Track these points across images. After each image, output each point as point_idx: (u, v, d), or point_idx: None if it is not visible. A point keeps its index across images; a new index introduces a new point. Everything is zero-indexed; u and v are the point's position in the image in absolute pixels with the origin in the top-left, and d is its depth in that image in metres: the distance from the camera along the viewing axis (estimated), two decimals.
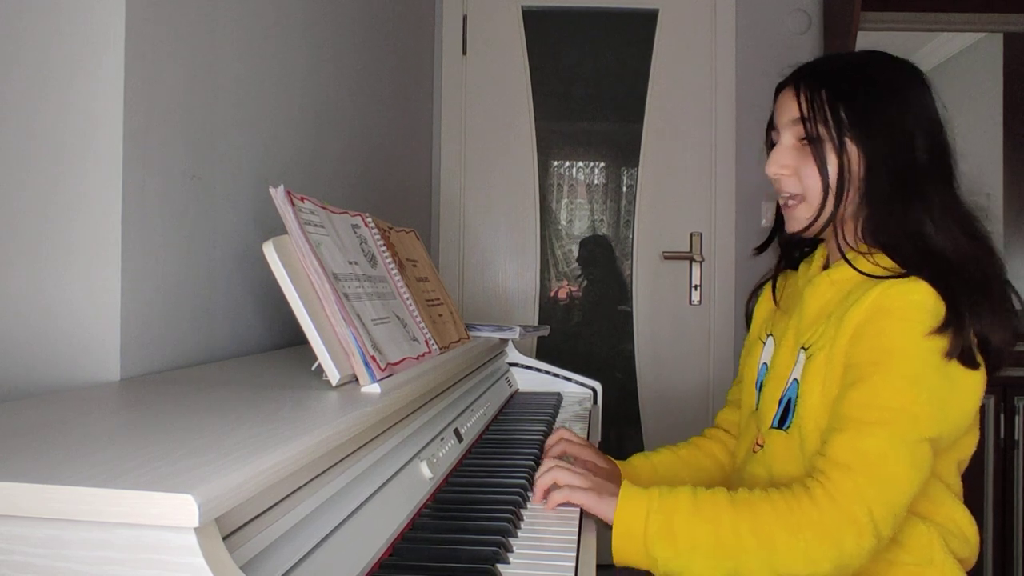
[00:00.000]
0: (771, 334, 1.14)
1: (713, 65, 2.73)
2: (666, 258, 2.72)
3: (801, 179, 1.02)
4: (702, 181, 2.73)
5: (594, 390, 1.77)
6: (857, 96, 1.00)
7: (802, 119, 1.01)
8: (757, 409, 1.10)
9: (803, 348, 1.02)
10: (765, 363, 1.13)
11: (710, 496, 0.90)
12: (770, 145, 1.09)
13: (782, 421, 1.03)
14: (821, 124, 0.99)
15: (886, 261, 0.97)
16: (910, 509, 0.92)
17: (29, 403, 0.71)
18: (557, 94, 2.82)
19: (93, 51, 0.90)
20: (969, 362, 0.92)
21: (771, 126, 1.08)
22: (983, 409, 2.29)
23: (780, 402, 1.04)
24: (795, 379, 1.02)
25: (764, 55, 2.70)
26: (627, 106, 2.79)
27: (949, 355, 0.90)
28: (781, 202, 1.07)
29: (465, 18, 2.75)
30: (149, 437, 0.58)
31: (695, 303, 2.72)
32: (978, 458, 2.40)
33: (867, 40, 2.67)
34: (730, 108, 2.70)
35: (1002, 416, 2.28)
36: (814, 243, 1.15)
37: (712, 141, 2.71)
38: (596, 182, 2.90)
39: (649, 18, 2.76)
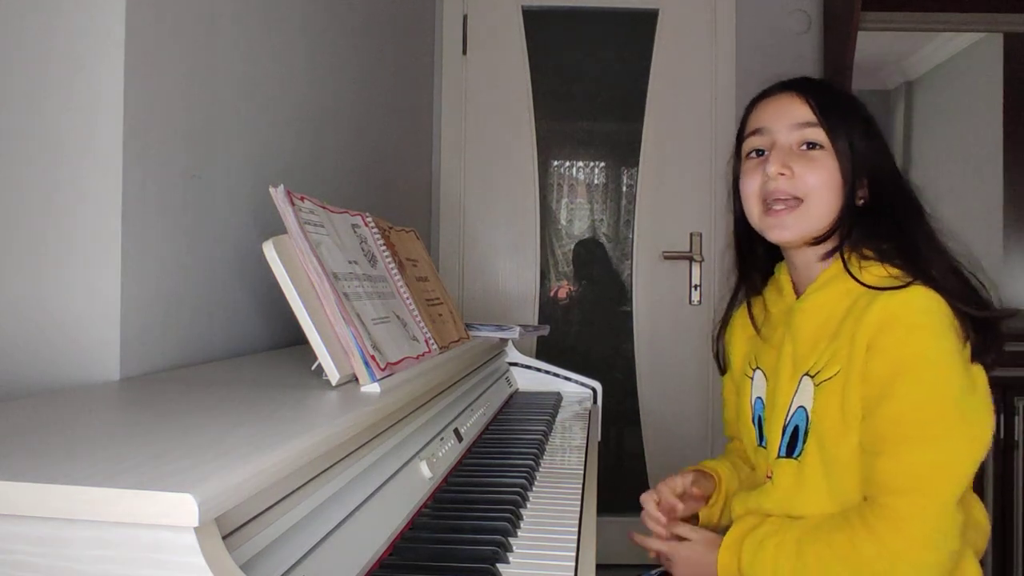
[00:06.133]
0: (758, 368, 1.13)
1: (713, 65, 2.73)
2: (666, 258, 2.72)
3: (802, 182, 1.00)
4: (702, 181, 2.73)
5: (594, 390, 1.77)
6: (853, 110, 1.04)
7: (818, 122, 1.01)
8: (763, 444, 1.09)
9: (807, 375, 1.00)
10: (760, 397, 1.11)
11: (776, 551, 0.96)
12: (747, 153, 1.07)
13: (790, 449, 1.02)
14: (834, 129, 1.00)
15: (879, 270, 0.97)
16: None
17: (29, 403, 0.71)
18: (557, 94, 2.82)
19: (93, 51, 0.90)
20: (981, 356, 0.95)
21: (752, 132, 1.07)
22: None
23: (784, 431, 1.03)
24: (801, 407, 1.01)
25: (764, 55, 2.70)
26: (627, 106, 2.79)
27: (976, 359, 0.94)
28: (766, 209, 1.03)
29: (465, 18, 2.75)
30: (149, 437, 0.58)
31: (695, 303, 2.72)
32: None
33: (867, 40, 2.67)
34: (730, 108, 2.69)
35: (1002, 416, 2.28)
36: (772, 265, 1.15)
37: (712, 141, 2.71)
38: (596, 182, 2.90)
39: (649, 18, 2.76)
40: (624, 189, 2.86)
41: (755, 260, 1.15)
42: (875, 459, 0.92)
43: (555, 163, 2.87)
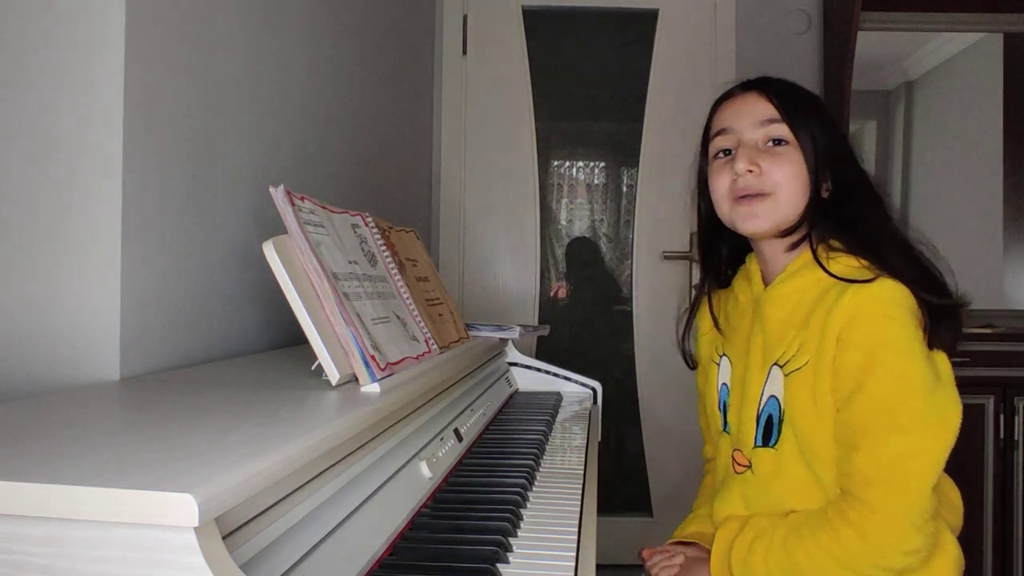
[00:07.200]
0: (724, 354, 1.15)
1: (713, 65, 2.73)
2: (666, 258, 2.72)
3: (770, 177, 1.02)
4: None
5: (594, 390, 1.77)
6: (814, 106, 1.07)
7: (782, 118, 1.03)
8: (727, 430, 1.12)
9: (776, 364, 1.02)
10: (725, 383, 1.14)
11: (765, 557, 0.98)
12: (715, 154, 1.10)
13: (766, 439, 1.03)
14: (797, 125, 1.03)
15: (848, 261, 0.99)
16: None
17: (29, 403, 0.71)
18: (557, 94, 2.82)
19: (93, 51, 0.90)
20: (941, 343, 0.97)
21: (717, 132, 1.09)
22: (983, 409, 2.29)
23: (759, 420, 1.04)
24: (772, 396, 1.02)
25: (764, 55, 2.70)
26: (627, 106, 2.79)
27: (932, 345, 0.95)
28: (736, 200, 1.05)
29: (465, 18, 2.75)
30: (149, 437, 0.58)
31: None
32: (978, 458, 2.39)
33: (867, 40, 2.68)
34: None
35: (1002, 416, 2.28)
36: (738, 260, 1.17)
37: None
38: (596, 182, 2.90)
39: (649, 18, 2.76)
40: (624, 189, 2.86)
41: (718, 260, 1.18)
42: (851, 453, 0.94)
43: (555, 163, 2.87)
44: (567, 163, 2.89)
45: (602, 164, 2.90)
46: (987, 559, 2.26)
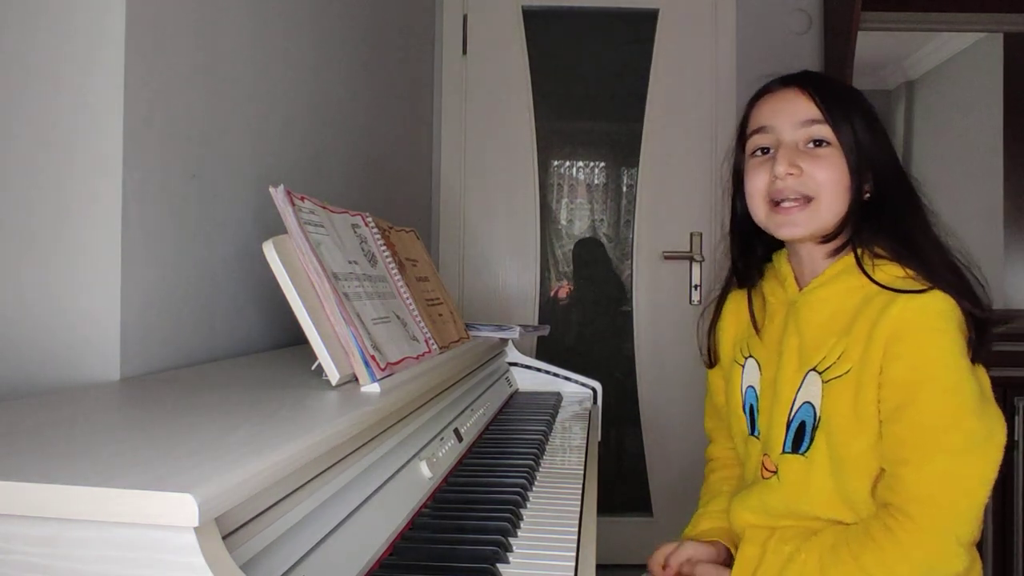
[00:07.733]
0: (750, 356, 1.12)
1: (713, 65, 2.73)
2: (666, 258, 2.72)
3: (812, 180, 0.99)
4: (702, 181, 2.73)
5: (594, 390, 1.77)
6: (856, 103, 1.03)
7: (824, 119, 1.00)
8: (755, 434, 1.09)
9: (815, 370, 0.99)
10: (752, 386, 1.10)
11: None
12: (752, 151, 1.05)
13: (796, 445, 1.00)
14: (839, 125, 0.99)
15: (894, 270, 0.97)
16: None
17: (29, 403, 0.71)
18: (557, 94, 2.82)
19: (93, 49, 0.90)
20: (981, 357, 0.95)
21: (756, 130, 1.05)
22: None
23: (789, 426, 1.01)
24: (807, 402, 0.99)
25: (764, 55, 2.70)
26: (627, 106, 2.79)
27: (974, 360, 0.94)
28: (774, 206, 1.02)
29: (465, 18, 2.75)
30: (149, 437, 0.58)
31: (695, 303, 2.72)
32: None
33: (867, 40, 2.67)
34: (730, 108, 2.69)
35: None
36: (766, 259, 1.14)
37: (712, 141, 2.71)
38: (596, 182, 2.90)
39: (649, 18, 2.76)
40: (624, 189, 2.86)
41: (753, 258, 1.14)
42: (898, 467, 0.91)
43: (555, 163, 2.87)
44: (567, 163, 2.89)
45: (602, 164, 2.90)
46: (987, 559, 2.26)
